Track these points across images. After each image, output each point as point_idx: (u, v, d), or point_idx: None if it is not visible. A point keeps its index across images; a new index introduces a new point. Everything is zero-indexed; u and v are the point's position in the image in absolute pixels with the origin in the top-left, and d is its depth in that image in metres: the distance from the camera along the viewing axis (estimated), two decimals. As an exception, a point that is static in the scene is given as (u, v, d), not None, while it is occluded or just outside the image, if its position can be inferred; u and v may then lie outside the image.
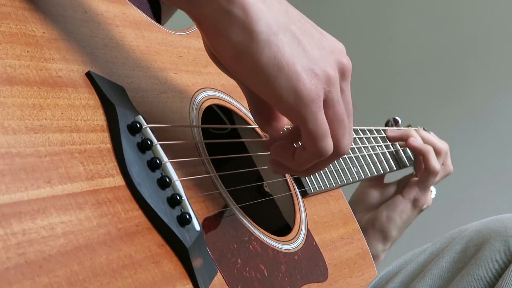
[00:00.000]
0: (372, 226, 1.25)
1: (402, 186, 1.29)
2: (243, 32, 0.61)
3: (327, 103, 0.66)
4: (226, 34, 0.61)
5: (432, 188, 1.31)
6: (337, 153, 0.70)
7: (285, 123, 0.73)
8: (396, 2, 2.61)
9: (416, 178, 1.28)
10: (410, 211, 1.26)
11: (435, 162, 1.25)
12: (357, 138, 1.14)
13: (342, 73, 0.68)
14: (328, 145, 0.67)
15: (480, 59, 2.43)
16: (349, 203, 1.33)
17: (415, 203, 1.26)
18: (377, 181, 1.31)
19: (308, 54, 0.64)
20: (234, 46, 0.61)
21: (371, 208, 1.28)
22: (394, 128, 1.31)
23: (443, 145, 1.29)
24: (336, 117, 0.67)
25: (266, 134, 0.79)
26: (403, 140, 1.27)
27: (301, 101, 0.63)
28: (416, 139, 1.26)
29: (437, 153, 1.27)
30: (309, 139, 0.67)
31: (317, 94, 0.64)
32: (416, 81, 2.52)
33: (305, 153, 0.69)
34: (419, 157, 1.27)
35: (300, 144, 0.70)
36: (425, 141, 1.28)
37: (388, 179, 1.33)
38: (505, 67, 2.39)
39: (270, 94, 0.64)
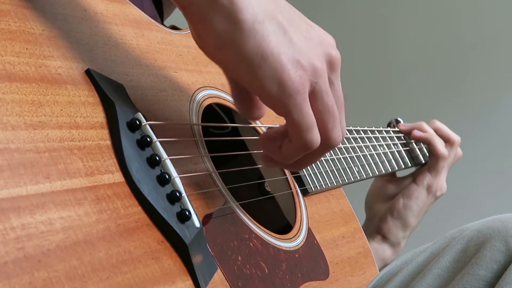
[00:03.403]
0: (391, 214, 1.29)
1: (416, 175, 1.33)
2: (228, 21, 0.60)
3: (315, 95, 0.65)
4: (210, 22, 0.60)
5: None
6: (328, 145, 0.69)
7: (266, 111, 0.72)
8: (397, 1, 2.61)
9: (427, 166, 1.32)
10: (425, 197, 1.30)
11: (441, 148, 1.29)
12: (358, 138, 1.14)
13: (331, 65, 0.66)
14: (314, 137, 0.66)
15: (479, 59, 2.42)
16: (366, 197, 1.36)
17: (429, 188, 1.29)
18: (391, 176, 1.36)
19: (295, 44, 0.63)
20: (218, 34, 0.60)
21: (388, 199, 1.32)
22: (407, 123, 1.35)
23: (456, 137, 1.33)
24: (325, 108, 0.66)
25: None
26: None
27: (285, 92, 0.62)
28: (419, 131, 1.30)
29: (451, 143, 1.32)
30: (294, 130, 0.65)
31: (302, 85, 0.63)
32: (417, 82, 2.52)
33: (291, 146, 0.67)
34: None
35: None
36: (439, 131, 1.32)
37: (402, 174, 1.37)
38: (505, 67, 2.39)
39: (254, 84, 0.63)
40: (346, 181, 1.03)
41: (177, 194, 0.63)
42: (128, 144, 0.62)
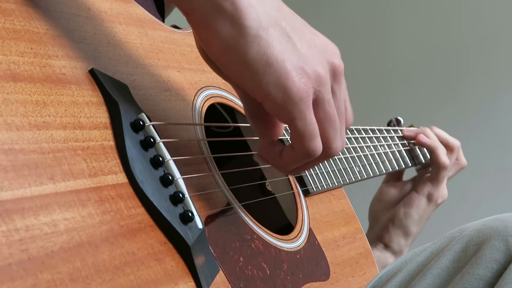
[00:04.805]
0: (392, 223, 1.30)
1: (417, 182, 1.33)
2: (232, 26, 0.59)
3: (317, 103, 0.64)
4: (215, 28, 0.60)
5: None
6: (328, 154, 0.68)
7: (282, 128, 0.71)
8: (397, 1, 2.61)
9: (428, 174, 1.32)
10: (425, 206, 1.30)
11: (444, 157, 1.29)
12: (359, 138, 1.14)
13: (334, 74, 0.66)
14: (317, 146, 0.66)
15: (479, 59, 2.42)
16: (371, 202, 1.36)
17: (429, 197, 1.30)
18: (395, 179, 1.36)
19: (298, 51, 0.62)
20: (222, 40, 0.60)
21: (391, 206, 1.33)
22: (411, 128, 1.35)
23: (455, 142, 1.34)
24: (326, 117, 0.65)
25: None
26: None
27: (290, 99, 0.62)
28: (424, 136, 1.30)
29: (450, 149, 1.32)
30: (298, 138, 0.65)
31: (306, 93, 0.62)
32: (417, 82, 2.52)
33: (293, 153, 0.67)
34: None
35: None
36: (438, 138, 1.32)
37: (407, 176, 1.37)
38: (505, 66, 2.39)
39: (258, 90, 0.62)
40: (347, 181, 1.03)
41: (180, 195, 0.63)
42: (132, 144, 0.62)
